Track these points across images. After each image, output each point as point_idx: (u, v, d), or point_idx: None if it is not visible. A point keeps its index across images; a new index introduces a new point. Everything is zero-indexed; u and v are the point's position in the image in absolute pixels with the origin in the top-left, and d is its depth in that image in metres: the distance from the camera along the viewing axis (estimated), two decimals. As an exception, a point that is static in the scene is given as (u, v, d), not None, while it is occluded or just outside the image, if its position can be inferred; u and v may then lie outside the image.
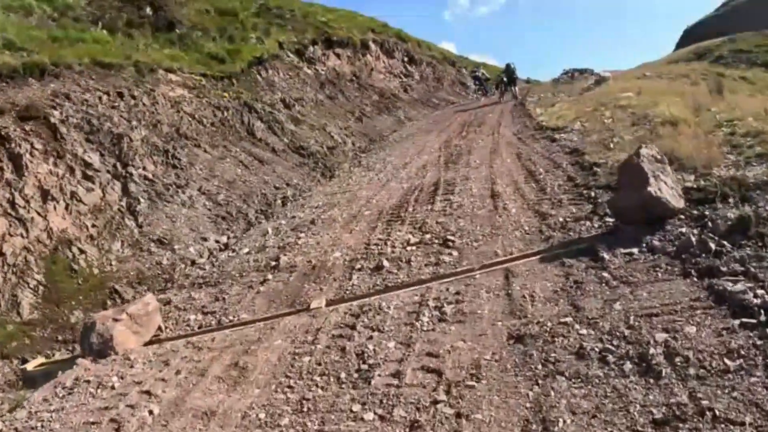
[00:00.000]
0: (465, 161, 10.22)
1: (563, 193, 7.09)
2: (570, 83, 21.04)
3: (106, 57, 14.62)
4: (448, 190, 8.22)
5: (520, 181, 7.96)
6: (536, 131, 12.27)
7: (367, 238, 6.82)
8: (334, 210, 8.73)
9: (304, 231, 7.89)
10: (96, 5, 16.96)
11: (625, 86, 16.33)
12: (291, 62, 19.40)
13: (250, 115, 16.20)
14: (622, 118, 11.47)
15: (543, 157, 9.29)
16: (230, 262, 7.48)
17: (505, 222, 6.37)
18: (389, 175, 10.64)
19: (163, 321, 6.25)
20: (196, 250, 10.81)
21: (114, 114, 12.90)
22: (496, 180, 8.21)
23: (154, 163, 12.60)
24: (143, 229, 10.89)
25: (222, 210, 12.23)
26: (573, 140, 10.30)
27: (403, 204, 8.04)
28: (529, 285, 4.73)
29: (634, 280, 4.56)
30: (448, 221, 6.75)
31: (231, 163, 14.06)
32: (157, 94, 14.47)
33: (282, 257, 6.85)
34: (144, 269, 9.99)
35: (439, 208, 7.42)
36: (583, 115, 12.82)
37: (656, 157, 5.68)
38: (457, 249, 5.91)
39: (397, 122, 20.49)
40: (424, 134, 16.12)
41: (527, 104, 17.78)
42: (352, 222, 7.73)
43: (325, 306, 5.28)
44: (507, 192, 7.52)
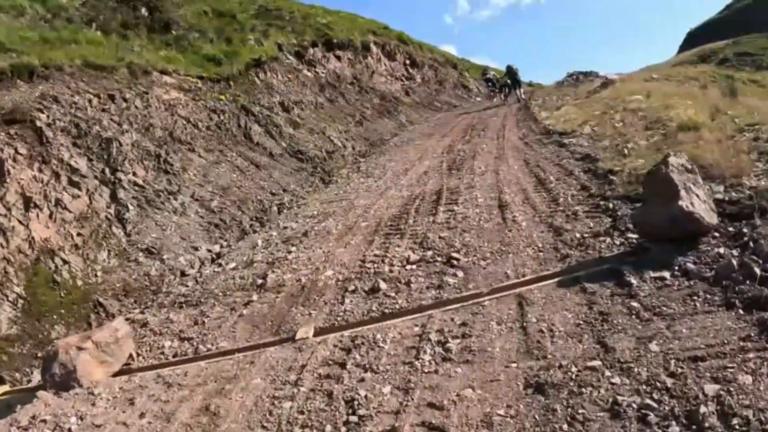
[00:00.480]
0: (469, 167, 9.51)
1: (578, 204, 6.37)
2: (575, 86, 20.32)
3: (98, 58, 13.98)
4: (452, 200, 7.51)
5: (530, 190, 7.25)
6: (543, 135, 11.56)
7: (363, 253, 6.11)
8: (329, 220, 8.02)
9: (295, 244, 7.19)
10: (90, 6, 16.32)
11: (633, 89, 15.61)
12: (290, 64, 18.73)
13: (247, 118, 15.53)
14: (634, 122, 10.76)
15: (552, 164, 8.58)
16: (215, 279, 6.79)
17: (516, 237, 5.66)
18: (389, 181, 9.93)
19: (137, 346, 5.56)
20: (187, 260, 10.14)
21: (104, 117, 12.24)
22: (503, 188, 7.50)
23: (145, 168, 11.93)
24: (131, 238, 10.22)
25: (215, 217, 11.55)
26: (583, 145, 9.58)
27: (403, 214, 7.33)
28: (546, 316, 4.02)
29: (669, 311, 3.85)
30: (452, 235, 6.04)
31: (226, 168, 13.38)
32: (150, 97, 13.81)
33: (270, 275, 6.15)
34: (131, 281, 9.32)
35: (442, 219, 6.72)
36: (591, 119, 12.10)
37: (687, 167, 4.96)
38: (463, 269, 5.20)
39: (398, 126, 19.79)
40: (426, 138, 15.41)
41: (532, 107, 17.07)
42: (348, 234, 7.02)
43: (313, 335, 4.59)
44: (516, 202, 6.81)
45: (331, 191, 10.50)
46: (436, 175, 9.45)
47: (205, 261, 10.35)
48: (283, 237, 7.77)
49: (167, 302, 6.45)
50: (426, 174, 9.75)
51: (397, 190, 8.92)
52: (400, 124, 20.22)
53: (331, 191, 10.47)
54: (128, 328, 5.43)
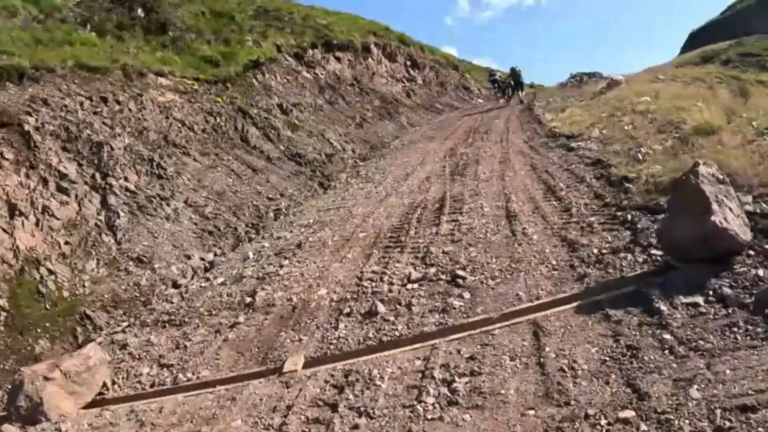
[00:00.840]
0: (473, 173, 8.96)
1: (592, 214, 5.82)
2: (578, 87, 19.75)
3: (92, 60, 13.45)
4: (456, 209, 6.97)
5: (539, 198, 6.70)
6: (549, 138, 11.01)
7: (360, 269, 5.57)
8: (325, 231, 7.47)
9: (288, 257, 6.64)
10: (85, 6, 15.80)
11: (640, 90, 15.04)
12: (289, 66, 18.20)
13: (245, 121, 14.99)
14: (644, 125, 10.20)
15: (561, 169, 8.03)
16: (201, 296, 6.25)
17: (527, 252, 5.11)
18: (389, 188, 9.37)
19: (114, 372, 5.04)
20: (179, 269, 9.62)
21: (95, 120, 11.72)
22: (510, 196, 6.95)
23: (138, 173, 11.40)
24: (122, 246, 9.70)
25: (209, 224, 11.02)
26: (592, 149, 9.03)
27: (404, 225, 6.78)
28: (567, 350, 3.49)
29: (707, 346, 3.31)
30: (456, 250, 5.50)
31: (222, 173, 12.85)
32: (144, 99, 13.28)
33: (259, 292, 5.61)
34: (120, 291, 8.81)
35: (445, 231, 6.17)
36: (599, 121, 11.54)
37: (718, 177, 4.41)
38: (469, 289, 4.66)
39: (399, 128, 19.24)
40: (427, 141, 14.85)
41: (535, 109, 16.49)
42: (344, 247, 6.48)
43: (302, 367, 4.05)
44: (525, 212, 6.26)
45: (328, 198, 9.95)
46: (438, 181, 8.90)
47: (198, 270, 9.83)
48: (276, 249, 7.23)
49: (150, 320, 5.92)
50: (428, 180, 9.20)
51: (398, 197, 8.37)
52: (401, 127, 19.67)
53: (329, 198, 9.93)
54: (102, 355, 4.90)
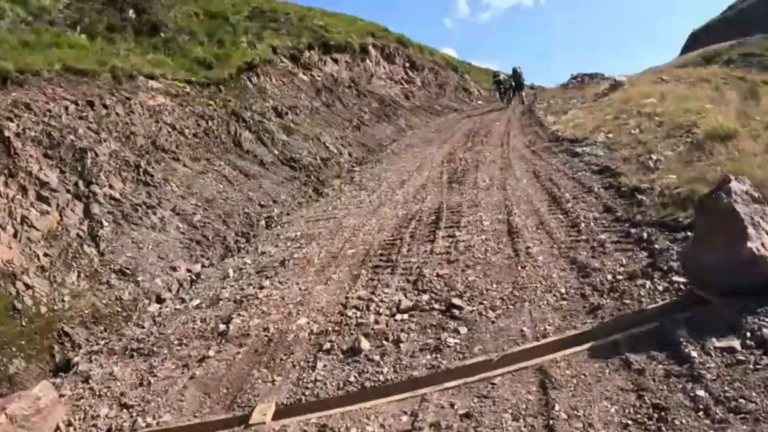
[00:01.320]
0: (472, 180, 8.33)
1: (603, 231, 5.20)
2: (580, 88, 19.10)
3: (79, 63, 12.85)
4: (453, 222, 6.34)
5: (543, 211, 6.08)
6: (552, 143, 10.37)
7: (345, 294, 4.96)
8: (312, 245, 6.85)
9: (270, 276, 6.02)
10: (75, 8, 15.21)
11: (644, 91, 14.38)
12: (285, 68, 17.58)
13: (238, 124, 14.38)
14: (652, 129, 9.56)
15: (566, 177, 7.40)
16: (174, 320, 5.64)
17: (531, 277, 4.49)
18: (383, 196, 8.74)
19: (72, 411, 4.44)
20: (164, 281, 9.03)
21: (80, 125, 11.12)
22: (512, 208, 6.33)
23: (123, 180, 10.80)
24: (105, 258, 9.10)
25: (197, 233, 10.41)
26: (599, 155, 8.40)
27: (396, 240, 6.16)
28: (580, 408, 2.87)
29: (749, 407, 2.69)
30: (452, 273, 4.88)
31: (212, 178, 12.24)
32: (133, 103, 12.68)
33: (235, 319, 5.00)
34: (101, 306, 8.21)
35: (441, 249, 5.55)
36: (604, 125, 10.90)
37: (753, 195, 3.78)
38: (466, 322, 4.04)
39: (397, 131, 18.62)
40: (425, 145, 14.21)
41: (536, 111, 15.85)
42: (330, 266, 5.86)
43: (272, 418, 3.44)
44: (528, 227, 5.64)
45: (319, 206, 9.33)
46: (435, 189, 8.27)
47: (184, 282, 9.26)
48: (258, 266, 6.61)
49: (119, 348, 5.32)
50: (424, 188, 8.58)
51: (392, 207, 7.75)
52: (399, 129, 19.05)
53: (320, 207, 9.30)
54: (54, 395, 4.30)
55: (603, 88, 16.93)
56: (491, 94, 32.19)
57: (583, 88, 18.77)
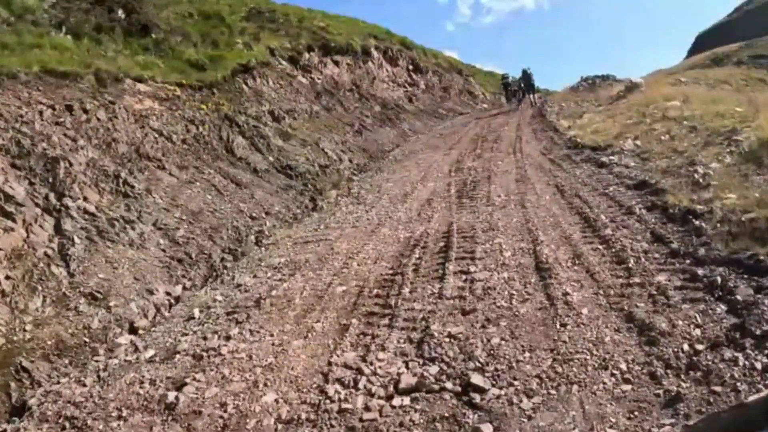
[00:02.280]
0: (485, 195, 7.12)
1: (658, 269, 3.99)
2: (592, 91, 17.84)
3: (60, 65, 11.74)
4: (466, 252, 5.13)
5: (577, 239, 4.87)
6: (571, 150, 9.15)
7: (329, 357, 3.74)
8: (296, 277, 5.63)
9: (240, 321, 4.82)
10: (60, 8, 14.07)
11: (665, 93, 13.13)
12: (283, 70, 16.42)
13: (231, 129, 13.23)
14: (685, 135, 8.33)
15: (596, 193, 6.18)
16: (121, 377, 4.46)
17: (577, 342, 3.29)
18: (382, 213, 7.52)
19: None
20: (139, 307, 7.90)
21: (55, 132, 9.98)
22: (536, 234, 5.12)
23: (100, 191, 9.64)
24: (75, 279, 7.96)
25: (180, 251, 9.25)
26: (630, 166, 7.19)
27: (396, 275, 4.95)
28: None
29: None
30: (469, 331, 3.67)
31: (200, 188, 11.07)
32: (117, 108, 11.54)
33: (189, 385, 3.81)
34: (66, 336, 7.07)
35: (452, 291, 4.35)
36: (628, 130, 9.67)
37: None
38: (491, 415, 2.84)
39: (400, 135, 17.41)
40: (430, 151, 12.98)
41: (548, 115, 14.59)
42: (314, 310, 4.64)
43: None
44: (561, 261, 4.43)
45: (311, 223, 8.13)
46: (442, 205, 7.06)
47: (162, 307, 8.11)
48: (230, 304, 5.42)
49: (50, 414, 4.16)
50: (430, 203, 7.36)
51: (392, 227, 6.54)
52: (403, 134, 17.84)
53: (311, 224, 8.10)
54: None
55: (618, 90, 15.69)
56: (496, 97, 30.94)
57: (594, 91, 17.53)
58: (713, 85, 16.04)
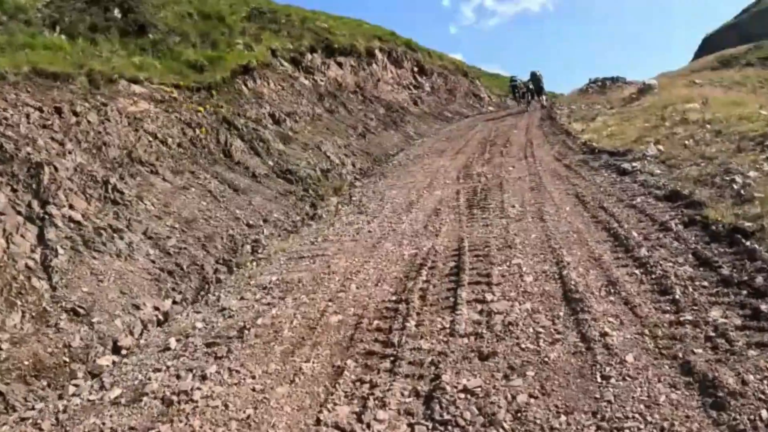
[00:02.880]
0: (497, 205, 6.42)
1: (710, 302, 3.29)
2: (602, 93, 17.10)
3: (52, 65, 11.14)
4: (480, 274, 4.42)
5: (607, 260, 4.16)
6: (586, 155, 8.43)
7: (316, 413, 3.00)
8: (286, 302, 4.90)
9: (220, 357, 4.10)
10: (55, 7, 13.49)
11: (681, 95, 12.38)
12: (285, 71, 15.77)
13: (229, 132, 12.58)
14: (711, 140, 7.60)
15: (622, 204, 5.47)
16: (81, 423, 3.78)
17: (625, 402, 2.59)
18: (385, 224, 6.81)
19: None
20: (125, 323, 7.26)
21: (41, 136, 9.36)
22: (560, 253, 4.41)
23: (88, 198, 9.00)
24: (57, 293, 7.32)
25: (170, 261, 8.60)
26: (655, 173, 6.47)
27: (400, 302, 4.23)
28: None
29: None
30: (489, 384, 2.96)
31: (195, 194, 10.41)
32: (110, 110, 10.91)
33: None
34: (45, 355, 6.43)
35: (466, 326, 3.63)
36: (647, 134, 8.94)
37: None
38: None
39: (405, 138, 16.72)
40: (436, 155, 12.27)
41: (558, 117, 13.86)
42: (304, 345, 3.89)
43: None
44: (593, 289, 3.73)
45: (307, 235, 7.43)
46: (451, 217, 6.35)
47: (149, 324, 7.47)
48: (211, 333, 4.74)
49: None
50: (437, 213, 6.66)
51: (395, 241, 5.83)
52: (408, 137, 17.15)
53: (308, 236, 7.41)
54: None
55: (629, 92, 14.94)
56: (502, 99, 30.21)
57: (605, 93, 16.79)
58: (729, 86, 15.26)
